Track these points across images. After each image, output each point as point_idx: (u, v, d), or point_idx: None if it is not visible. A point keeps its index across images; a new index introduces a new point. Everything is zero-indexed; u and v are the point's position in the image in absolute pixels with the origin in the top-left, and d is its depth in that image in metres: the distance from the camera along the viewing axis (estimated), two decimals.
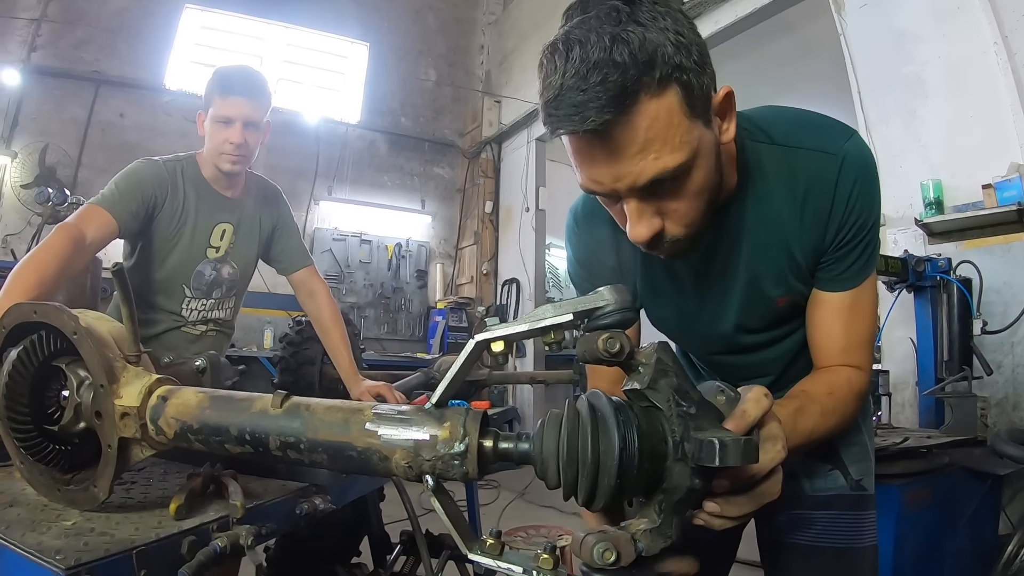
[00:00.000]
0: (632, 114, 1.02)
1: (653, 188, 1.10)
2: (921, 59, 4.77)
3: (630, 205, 1.14)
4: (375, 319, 10.32)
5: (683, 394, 0.81)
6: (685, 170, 1.10)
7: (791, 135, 1.33)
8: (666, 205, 1.15)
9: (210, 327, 2.78)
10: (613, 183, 1.10)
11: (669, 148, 1.06)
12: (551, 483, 0.82)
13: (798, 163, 1.31)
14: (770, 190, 1.34)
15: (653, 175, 1.07)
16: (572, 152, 1.13)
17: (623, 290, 0.84)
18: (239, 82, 2.55)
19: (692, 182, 1.13)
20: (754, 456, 0.77)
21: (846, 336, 1.37)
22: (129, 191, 2.45)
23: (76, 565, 0.92)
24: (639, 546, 0.79)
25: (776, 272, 1.39)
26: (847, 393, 1.32)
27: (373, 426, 0.89)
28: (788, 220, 1.34)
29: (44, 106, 8.47)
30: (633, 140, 1.04)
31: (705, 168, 1.14)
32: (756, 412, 0.88)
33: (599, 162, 1.09)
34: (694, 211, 1.17)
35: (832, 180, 1.29)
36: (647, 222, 1.15)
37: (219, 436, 1.02)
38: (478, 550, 0.83)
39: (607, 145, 1.05)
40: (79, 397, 1.17)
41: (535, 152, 10.00)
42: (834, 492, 1.59)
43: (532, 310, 0.84)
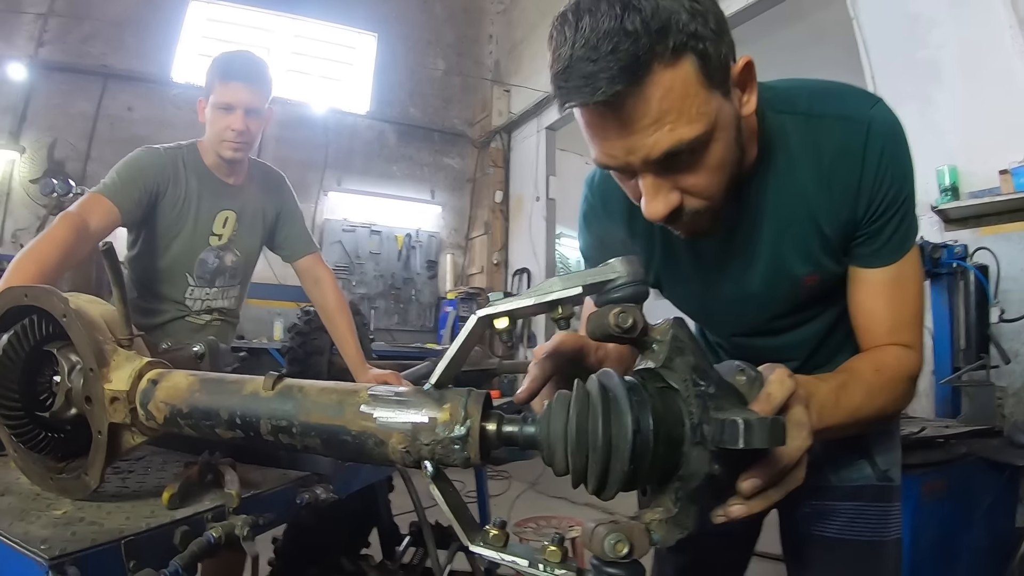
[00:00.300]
0: (645, 84, 0.96)
1: (669, 162, 1.05)
2: (936, 43, 4.71)
3: (645, 180, 1.09)
4: (385, 310, 10.32)
5: (701, 373, 0.75)
6: (702, 143, 1.04)
7: (814, 104, 1.26)
8: (683, 180, 1.09)
9: (214, 316, 2.75)
10: (627, 156, 1.05)
11: (685, 119, 1.01)
12: (559, 469, 0.76)
13: (822, 133, 1.25)
14: (794, 162, 1.27)
15: (668, 147, 1.02)
16: (584, 125, 1.08)
17: (635, 261, 0.78)
18: (240, 68, 2.52)
19: (711, 155, 1.07)
20: (781, 438, 0.71)
21: (891, 315, 1.29)
22: (131, 179, 2.42)
23: (60, 555, 0.88)
24: (654, 537, 0.74)
25: (803, 249, 1.31)
26: (896, 372, 1.24)
27: (368, 408, 0.83)
28: (814, 193, 1.27)
29: (52, 101, 8.50)
30: (646, 112, 0.99)
31: (724, 141, 1.08)
32: (781, 394, 0.83)
33: (611, 135, 1.04)
34: (713, 186, 1.12)
35: (859, 148, 1.21)
36: (664, 198, 1.09)
37: (209, 420, 0.97)
38: (480, 541, 0.78)
39: (619, 117, 1.00)
40: (70, 382, 1.13)
41: (545, 141, 9.95)
42: (860, 483, 1.52)
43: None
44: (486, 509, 3.17)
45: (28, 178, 8.07)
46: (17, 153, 8.17)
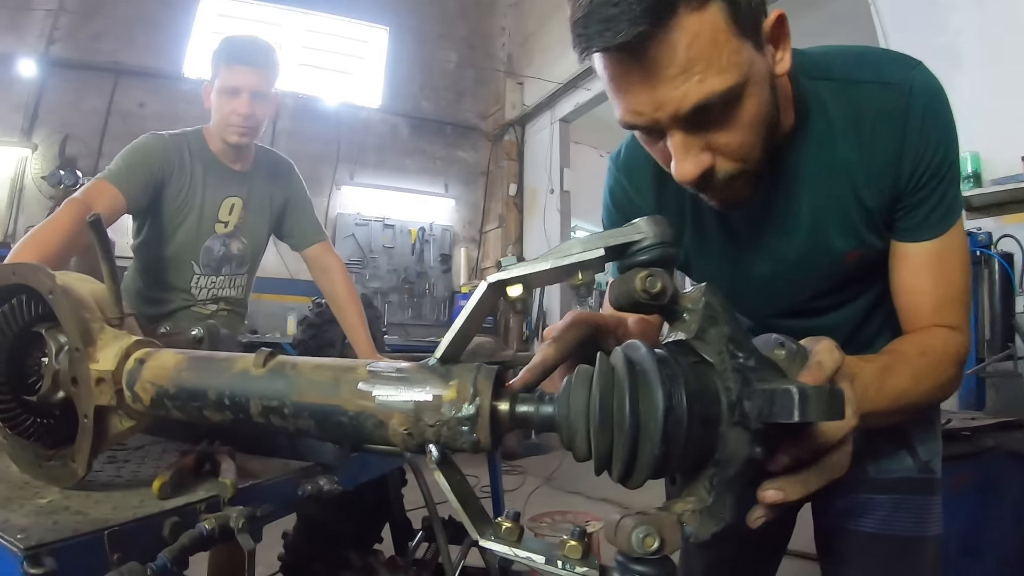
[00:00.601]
0: (670, 29, 0.90)
1: (699, 118, 0.98)
2: (955, 28, 4.64)
3: (674, 139, 1.02)
4: (399, 304, 10.32)
5: (738, 344, 0.67)
6: (735, 96, 0.98)
7: (851, 69, 1.20)
8: (715, 138, 1.02)
9: (221, 306, 2.72)
10: (654, 112, 0.98)
11: (715, 69, 0.94)
12: (580, 454, 0.67)
13: (861, 98, 1.18)
14: (832, 130, 1.20)
15: (698, 100, 0.95)
16: (608, 79, 1.01)
17: (662, 221, 0.70)
18: (246, 51, 2.48)
19: (744, 111, 1.00)
20: (840, 410, 0.62)
21: (936, 292, 1.21)
22: (136, 165, 2.39)
23: (38, 545, 0.82)
24: (687, 531, 0.65)
25: (844, 222, 1.24)
26: (942, 355, 1.16)
27: (367, 386, 0.75)
28: (855, 162, 1.20)
29: (64, 98, 8.56)
30: (672, 59, 0.92)
31: (757, 96, 1.01)
32: (832, 364, 0.75)
33: (636, 87, 0.97)
34: (747, 145, 1.05)
35: (900, 113, 1.14)
36: (694, 158, 1.02)
37: (197, 401, 0.89)
38: (492, 535, 0.69)
39: (644, 66, 0.94)
40: (57, 364, 1.06)
41: (559, 133, 9.90)
42: (900, 475, 1.44)
43: (559, 295, 0.71)
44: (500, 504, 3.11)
45: (40, 174, 8.11)
46: (29, 150, 8.22)
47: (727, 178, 1.07)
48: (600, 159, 11.78)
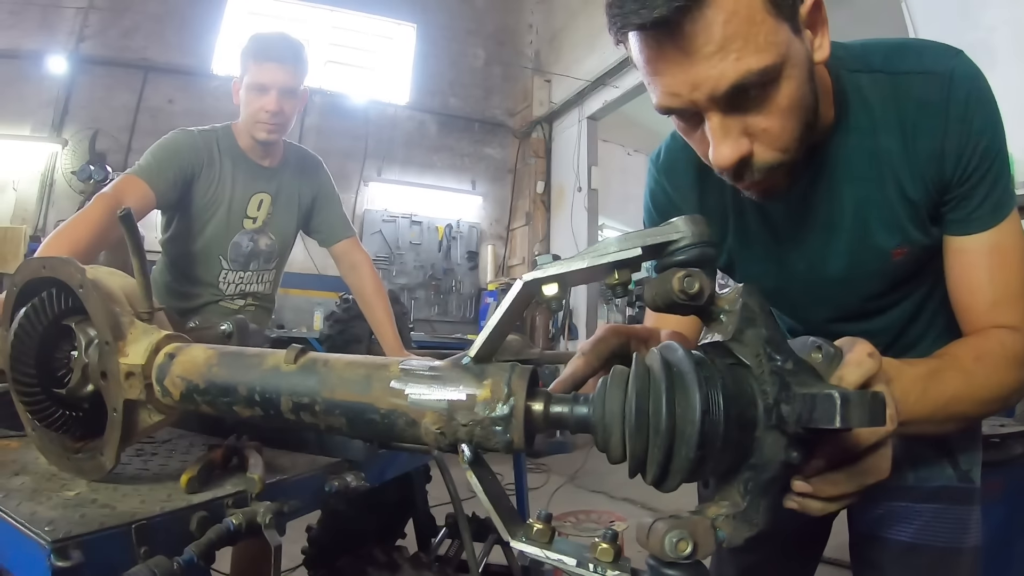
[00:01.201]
0: (706, 5, 0.90)
1: (737, 99, 0.97)
2: (988, 24, 4.53)
3: (712, 122, 1.00)
4: (425, 300, 10.36)
5: (776, 347, 0.65)
6: (772, 76, 0.96)
7: (891, 60, 1.17)
8: (753, 123, 1.00)
9: (248, 301, 2.73)
10: (691, 93, 0.97)
11: (752, 48, 0.93)
12: (615, 456, 0.66)
13: (902, 89, 1.15)
14: (874, 122, 1.17)
15: (735, 79, 0.94)
16: (644, 62, 1.00)
17: (701, 221, 0.68)
18: (275, 48, 2.48)
19: (782, 94, 0.98)
20: (881, 416, 0.60)
21: (993, 287, 1.16)
22: (166, 160, 2.41)
23: (65, 538, 0.82)
24: (720, 535, 0.64)
25: (889, 218, 1.21)
26: (999, 360, 1.10)
27: (399, 384, 0.74)
28: (898, 155, 1.17)
29: (94, 94, 8.71)
30: (709, 37, 0.91)
31: (796, 80, 0.99)
32: (855, 378, 0.73)
33: (673, 67, 0.96)
34: (787, 132, 1.02)
35: (942, 102, 1.12)
36: (732, 142, 1.00)
37: (227, 397, 0.88)
38: (523, 536, 0.67)
39: (680, 44, 0.93)
40: (87, 357, 1.06)
41: (587, 131, 9.87)
42: (940, 484, 1.40)
43: (586, 294, 0.69)
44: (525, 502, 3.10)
45: (70, 169, 8.22)
46: (59, 145, 8.34)
47: (766, 168, 1.05)
48: (628, 157, 11.76)
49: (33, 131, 8.38)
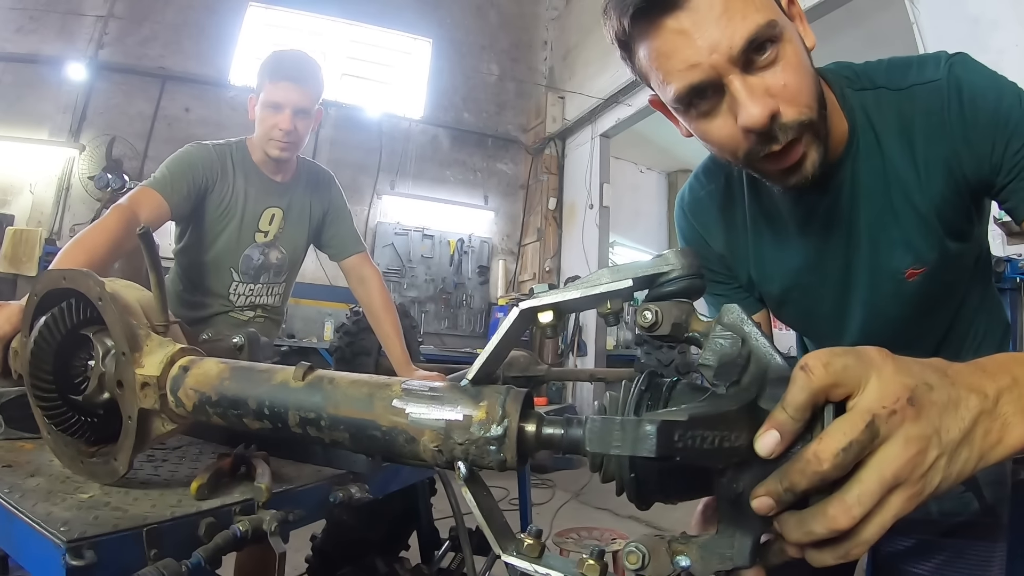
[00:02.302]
0: None
1: (753, 56, 1.03)
2: (998, 47, 4.55)
3: (735, 85, 1.04)
4: (436, 314, 10.39)
5: (724, 369, 0.68)
6: (778, 32, 1.04)
7: (893, 76, 1.22)
8: (772, 81, 1.05)
9: (258, 313, 2.77)
10: (709, 56, 1.02)
11: (753, 8, 1.01)
12: (605, 475, 0.70)
13: (906, 103, 1.20)
14: (879, 141, 1.22)
15: (748, 33, 1.00)
16: (656, 50, 1.07)
17: (690, 254, 0.72)
18: (290, 68, 2.53)
19: (790, 51, 1.06)
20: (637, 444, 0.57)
21: None
22: (180, 174, 2.46)
23: (80, 539, 0.86)
24: (680, 561, 0.65)
25: (900, 236, 1.24)
26: None
27: (400, 403, 0.78)
28: (905, 169, 1.20)
29: (112, 101, 8.82)
30: (712, 2, 1.00)
31: (797, 46, 1.07)
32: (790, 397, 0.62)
33: (686, 39, 1.03)
34: (804, 88, 1.07)
35: (944, 106, 1.15)
36: (760, 99, 1.04)
37: (237, 409, 0.93)
38: (513, 551, 0.71)
39: (689, 14, 1.01)
40: (104, 366, 1.11)
41: (599, 148, 9.91)
42: (964, 518, 1.37)
43: (595, 313, 0.73)
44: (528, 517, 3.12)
45: (87, 175, 8.31)
46: (77, 151, 8.44)
47: (796, 124, 1.07)
48: (640, 175, 11.80)
49: (51, 135, 8.48)
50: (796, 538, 0.62)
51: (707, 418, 0.60)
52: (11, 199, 8.31)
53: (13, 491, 1.05)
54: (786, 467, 0.60)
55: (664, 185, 12.35)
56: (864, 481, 0.59)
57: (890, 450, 0.60)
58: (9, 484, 1.09)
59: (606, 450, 0.59)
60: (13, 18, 8.42)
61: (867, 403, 0.61)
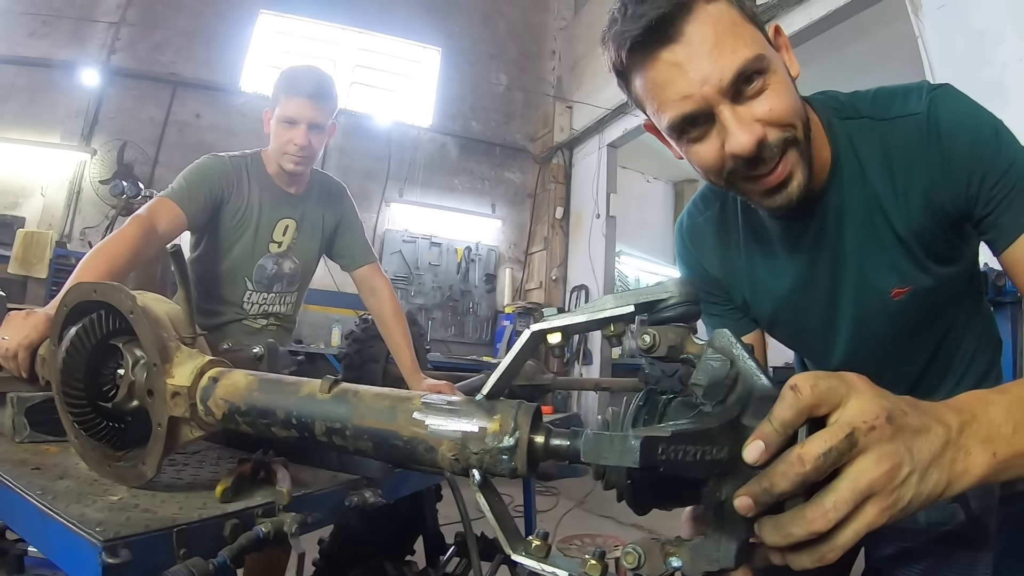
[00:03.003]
0: (694, 11, 1.07)
1: (740, 88, 1.10)
2: (1002, 61, 4.57)
3: (724, 114, 1.11)
4: (442, 321, 10.41)
5: (713, 389, 0.74)
6: (765, 65, 1.11)
7: (877, 107, 1.27)
8: (758, 108, 1.12)
9: (270, 321, 2.81)
10: (701, 87, 1.09)
11: (742, 43, 1.09)
12: (607, 483, 0.76)
13: (888, 134, 1.24)
14: (863, 169, 1.27)
15: (737, 67, 1.08)
16: (651, 81, 1.15)
17: (688, 283, 0.79)
18: (305, 84, 2.57)
19: (775, 80, 1.12)
20: (623, 456, 0.64)
21: None
22: (197, 185, 2.50)
23: (115, 538, 0.91)
24: (672, 561, 0.71)
25: (885, 260, 1.28)
26: None
27: (421, 415, 0.85)
28: (886, 198, 1.25)
29: (123, 106, 8.90)
30: (705, 38, 1.08)
31: (782, 75, 1.14)
32: (782, 415, 0.67)
33: (680, 71, 1.10)
34: (789, 110, 1.14)
35: (925, 139, 1.20)
36: (748, 127, 1.11)
37: (266, 419, 0.99)
38: (523, 551, 0.78)
39: (683, 47, 1.09)
40: (133, 375, 1.17)
41: (606, 158, 9.94)
42: (951, 527, 1.42)
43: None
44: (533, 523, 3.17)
45: (98, 179, 8.39)
46: (88, 155, 8.52)
47: (781, 142, 1.14)
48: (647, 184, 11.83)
49: (63, 139, 8.55)
50: (775, 541, 0.68)
51: (689, 434, 0.67)
52: (22, 202, 8.37)
53: (45, 493, 1.10)
54: (768, 470, 0.66)
55: (671, 195, 12.38)
56: (840, 489, 0.65)
57: (866, 462, 0.66)
58: (40, 487, 1.14)
59: (597, 460, 0.67)
60: (26, 23, 8.49)
61: (848, 417, 0.67)
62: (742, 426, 0.71)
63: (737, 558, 0.71)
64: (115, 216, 7.71)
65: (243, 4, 9.72)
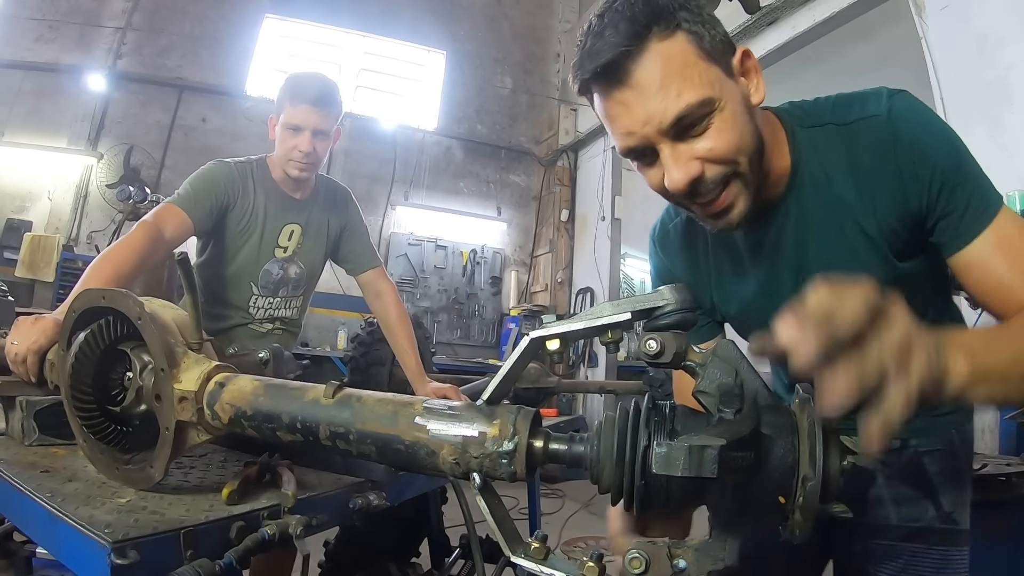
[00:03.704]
0: (646, 51, 1.11)
1: (681, 129, 1.14)
2: (1006, 63, 4.55)
3: (664, 152, 1.16)
4: (448, 324, 10.42)
5: (728, 397, 0.76)
6: (709, 107, 1.13)
7: (839, 112, 1.30)
8: (699, 147, 1.15)
9: (276, 325, 2.83)
10: (642, 128, 1.14)
11: (689, 85, 1.11)
12: (604, 486, 0.78)
13: (852, 138, 1.27)
14: (827, 171, 1.29)
15: (678, 111, 1.11)
16: (605, 113, 1.20)
17: (684, 289, 0.81)
18: (310, 91, 2.58)
19: (722, 120, 1.15)
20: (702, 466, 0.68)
21: (1016, 275, 1.16)
22: (203, 191, 2.52)
23: (123, 540, 0.93)
24: (678, 563, 0.74)
25: (853, 258, 1.30)
26: None
27: (422, 420, 0.87)
28: (853, 200, 1.27)
29: (129, 110, 8.92)
30: (652, 78, 1.11)
31: (733, 112, 1.16)
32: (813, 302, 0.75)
33: (626, 109, 1.15)
34: (730, 148, 1.16)
35: (888, 142, 1.22)
36: (683, 166, 1.15)
37: (271, 423, 1.02)
38: (522, 553, 0.80)
39: (631, 86, 1.13)
40: (141, 380, 1.19)
41: (611, 161, 9.91)
42: (922, 524, 1.46)
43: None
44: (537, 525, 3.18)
45: (105, 183, 8.45)
46: (95, 159, 8.57)
47: (718, 179, 1.18)
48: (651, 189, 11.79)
49: (70, 143, 8.57)
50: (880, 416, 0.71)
51: (736, 442, 0.70)
52: (30, 205, 8.40)
53: (55, 495, 1.13)
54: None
55: None
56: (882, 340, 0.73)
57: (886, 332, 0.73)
58: (50, 489, 1.16)
59: (674, 471, 0.69)
60: (32, 27, 8.52)
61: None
62: (760, 433, 0.74)
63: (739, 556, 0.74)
64: (122, 221, 7.74)
65: (248, 8, 9.73)
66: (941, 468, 1.48)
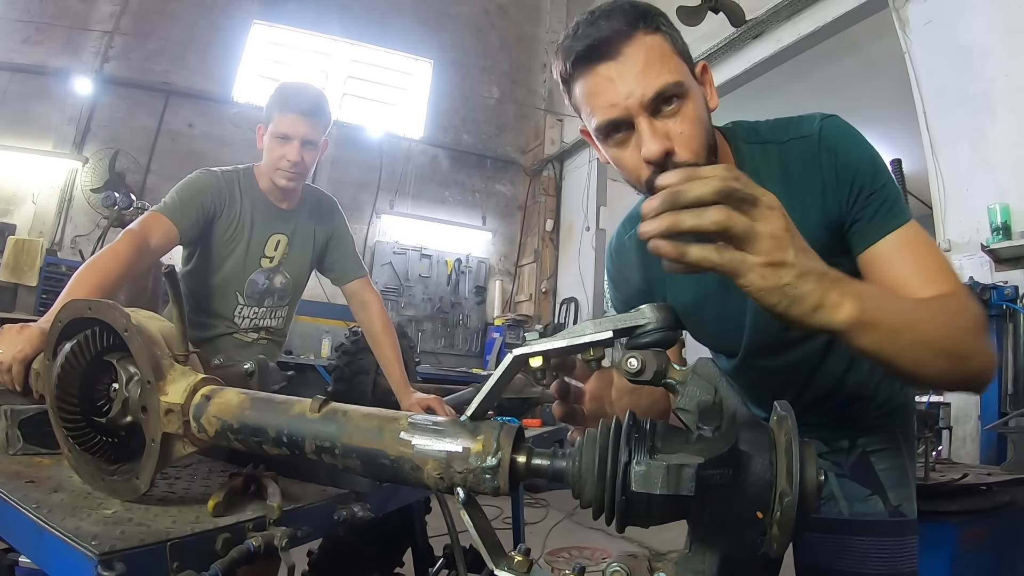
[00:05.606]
0: (633, 39, 1.26)
1: (659, 106, 1.27)
2: (988, 77, 4.65)
3: (642, 125, 1.27)
4: (432, 333, 10.42)
5: (707, 415, 0.79)
6: (684, 91, 1.29)
7: (776, 132, 1.47)
8: (673, 128, 1.28)
9: (261, 335, 2.83)
10: (626, 100, 1.26)
11: (667, 70, 1.27)
12: (585, 500, 0.80)
13: (786, 154, 1.44)
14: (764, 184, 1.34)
15: (658, 87, 1.25)
16: (588, 93, 1.31)
17: (666, 308, 0.83)
18: (299, 101, 2.59)
19: (691, 108, 1.30)
20: (680, 485, 0.71)
21: (917, 273, 1.26)
22: (189, 200, 2.52)
23: (110, 552, 0.93)
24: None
25: None
26: (950, 303, 1.16)
27: (407, 435, 0.88)
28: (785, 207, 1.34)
29: (116, 114, 8.91)
30: (637, 60, 1.26)
31: (698, 105, 1.31)
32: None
33: (611, 84, 1.27)
34: (698, 138, 1.30)
35: (815, 156, 1.39)
36: (659, 139, 1.26)
37: (257, 436, 1.03)
38: (505, 566, 0.81)
39: (617, 65, 1.26)
40: (127, 392, 1.19)
41: (596, 171, 9.98)
42: (873, 517, 1.59)
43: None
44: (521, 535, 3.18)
45: (90, 187, 8.42)
46: (80, 163, 8.53)
47: (684, 164, 1.27)
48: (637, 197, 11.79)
49: (55, 147, 8.54)
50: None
51: (715, 460, 0.72)
52: (13, 209, 8.35)
53: (41, 506, 1.12)
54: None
55: None
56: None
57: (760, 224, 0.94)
58: (36, 500, 1.16)
59: (652, 490, 0.71)
60: (20, 29, 8.50)
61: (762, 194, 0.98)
62: (739, 451, 0.75)
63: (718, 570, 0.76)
64: (107, 227, 7.72)
65: (237, 14, 9.74)
66: (888, 465, 1.62)
